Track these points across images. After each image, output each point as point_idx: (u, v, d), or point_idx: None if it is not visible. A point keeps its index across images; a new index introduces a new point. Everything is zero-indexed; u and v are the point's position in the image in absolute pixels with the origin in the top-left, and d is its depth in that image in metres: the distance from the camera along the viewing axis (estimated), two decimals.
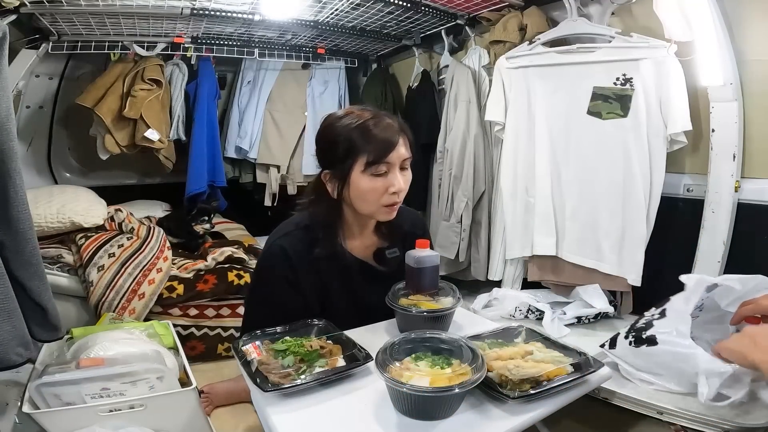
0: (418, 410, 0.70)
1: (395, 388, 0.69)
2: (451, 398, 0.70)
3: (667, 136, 1.36)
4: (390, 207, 1.00)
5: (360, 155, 0.95)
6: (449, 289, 1.02)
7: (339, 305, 1.06)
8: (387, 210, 1.00)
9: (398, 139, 0.97)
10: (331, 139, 0.99)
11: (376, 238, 1.12)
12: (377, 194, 0.97)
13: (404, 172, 1.01)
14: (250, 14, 1.91)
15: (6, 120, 1.00)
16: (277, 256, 1.02)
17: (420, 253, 0.98)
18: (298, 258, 1.01)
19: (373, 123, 0.96)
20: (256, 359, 0.82)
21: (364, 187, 0.97)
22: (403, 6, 1.80)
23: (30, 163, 2.43)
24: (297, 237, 1.03)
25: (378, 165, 0.95)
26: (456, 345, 0.78)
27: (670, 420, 0.96)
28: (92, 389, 1.06)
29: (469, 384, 0.68)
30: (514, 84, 1.64)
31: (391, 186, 0.97)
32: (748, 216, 1.32)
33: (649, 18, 1.35)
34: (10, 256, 1.05)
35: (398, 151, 0.97)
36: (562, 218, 1.58)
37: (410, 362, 0.75)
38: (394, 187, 0.97)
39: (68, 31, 1.98)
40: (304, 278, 1.02)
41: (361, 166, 0.96)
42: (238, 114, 2.65)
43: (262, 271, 1.09)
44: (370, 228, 1.11)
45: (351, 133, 0.96)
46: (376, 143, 0.95)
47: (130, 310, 1.74)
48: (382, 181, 0.97)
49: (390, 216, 1.02)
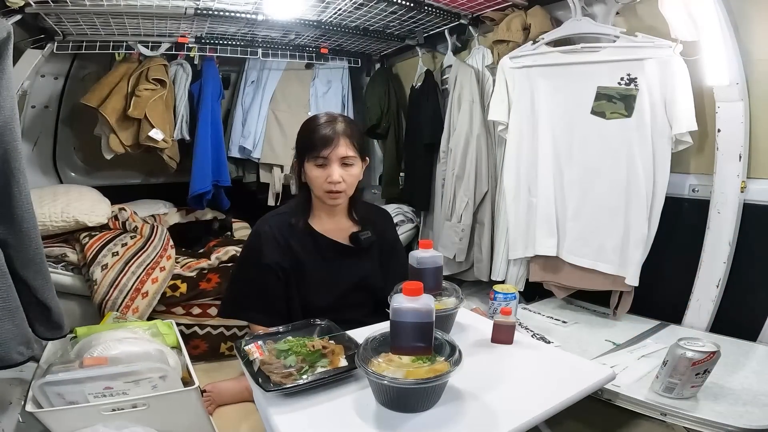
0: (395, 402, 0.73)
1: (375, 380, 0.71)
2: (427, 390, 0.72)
3: (672, 137, 1.35)
4: (330, 194, 1.20)
5: (309, 149, 1.19)
6: (452, 290, 1.01)
7: (313, 281, 1.23)
8: (328, 196, 1.20)
9: (339, 140, 1.17)
10: (299, 135, 1.25)
11: (350, 223, 1.31)
12: (320, 181, 1.19)
13: (346, 168, 1.20)
14: (253, 14, 1.92)
15: (10, 120, 1.00)
16: (257, 239, 1.23)
17: (423, 253, 0.98)
18: (275, 240, 1.21)
19: (323, 125, 1.19)
20: (258, 359, 0.82)
21: (310, 174, 1.20)
22: (406, 6, 1.79)
23: (35, 162, 2.44)
24: (276, 221, 1.25)
25: (317, 158, 1.18)
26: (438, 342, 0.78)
27: (673, 422, 0.95)
28: (95, 388, 1.06)
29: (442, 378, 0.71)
30: (517, 84, 1.63)
31: (329, 176, 1.17)
32: (753, 217, 1.31)
33: (654, 17, 1.34)
34: (14, 255, 1.06)
35: (336, 150, 1.17)
36: (563, 218, 1.57)
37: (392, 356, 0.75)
38: (331, 177, 1.17)
39: (73, 31, 1.99)
40: (281, 258, 1.21)
41: (310, 158, 1.19)
42: (241, 114, 2.65)
43: (243, 251, 1.31)
44: (341, 214, 1.30)
45: (307, 131, 1.22)
46: (319, 141, 1.17)
47: (134, 309, 1.74)
48: (323, 172, 1.18)
49: (333, 201, 1.22)
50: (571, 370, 0.74)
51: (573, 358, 0.99)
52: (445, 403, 0.76)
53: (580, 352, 1.23)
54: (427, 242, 1.00)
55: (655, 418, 0.98)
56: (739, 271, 1.33)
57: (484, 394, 0.77)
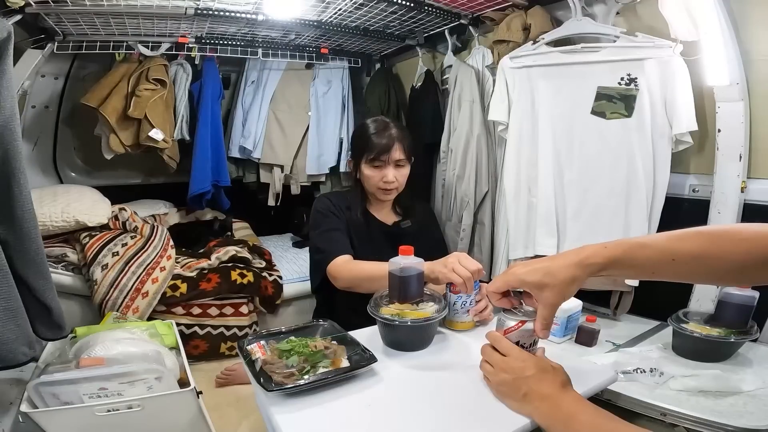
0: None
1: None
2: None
3: (672, 137, 1.35)
4: (383, 191, 1.38)
5: (366, 152, 1.36)
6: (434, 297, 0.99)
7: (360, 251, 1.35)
8: (381, 192, 1.39)
9: (394, 145, 1.35)
10: (355, 137, 1.46)
11: (393, 214, 1.51)
12: (375, 180, 1.37)
13: (399, 168, 1.38)
14: (253, 14, 1.92)
15: (11, 120, 1.00)
16: (325, 202, 1.43)
17: (403, 261, 0.95)
18: (338, 208, 1.41)
19: (380, 131, 1.36)
20: (260, 359, 0.82)
21: (366, 174, 1.38)
22: (406, 6, 1.79)
23: (35, 162, 2.44)
24: (336, 197, 1.47)
25: (374, 161, 1.35)
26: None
27: (672, 422, 0.95)
28: (90, 389, 1.06)
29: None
30: (517, 84, 1.63)
31: (384, 177, 1.36)
32: (754, 217, 1.30)
33: (654, 17, 1.34)
34: (14, 255, 1.06)
35: (392, 154, 1.35)
36: (563, 218, 1.57)
37: None
38: (386, 177, 1.36)
39: (73, 31, 1.99)
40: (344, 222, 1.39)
41: (366, 160, 1.36)
42: (241, 114, 2.65)
43: (316, 212, 1.43)
44: (387, 207, 1.50)
45: (365, 135, 1.38)
46: (377, 145, 1.34)
47: (134, 309, 1.74)
48: (379, 172, 1.36)
49: (385, 197, 1.41)
50: (572, 371, 0.74)
51: (574, 359, 0.99)
52: (446, 403, 0.76)
53: (580, 352, 1.23)
54: (408, 248, 0.97)
55: (655, 418, 0.98)
56: None
57: (484, 394, 0.77)
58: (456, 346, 0.98)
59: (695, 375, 1.03)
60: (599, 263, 0.67)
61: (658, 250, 0.65)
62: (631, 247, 0.67)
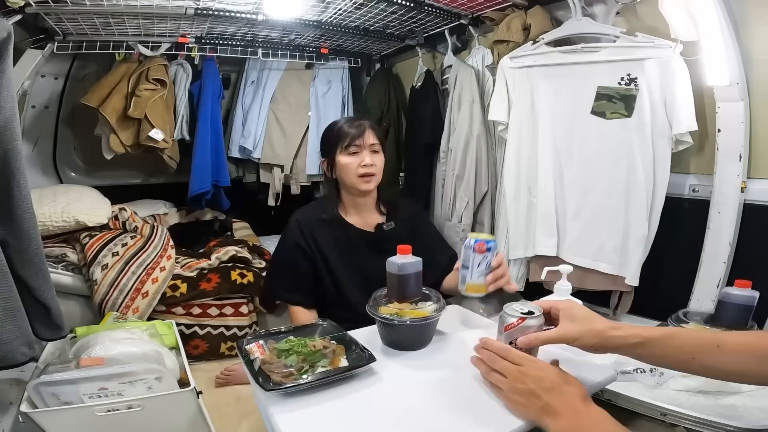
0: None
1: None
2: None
3: (672, 137, 1.35)
4: (364, 177, 1.33)
5: (340, 140, 1.34)
6: (432, 295, 0.99)
7: (341, 268, 1.35)
8: (362, 181, 1.33)
9: (366, 130, 1.34)
10: (325, 135, 1.41)
11: (376, 214, 1.44)
12: (353, 167, 1.33)
13: (375, 154, 1.36)
14: (253, 14, 1.92)
15: (10, 120, 1.00)
16: (286, 227, 1.39)
17: (402, 259, 0.95)
18: (309, 228, 1.36)
19: (350, 121, 1.37)
20: (259, 358, 0.82)
21: (343, 163, 1.34)
22: (406, 6, 1.79)
23: (35, 162, 2.44)
24: (303, 213, 1.40)
25: (350, 146, 1.33)
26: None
27: (672, 422, 0.95)
28: (90, 389, 1.06)
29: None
30: (517, 84, 1.63)
31: (362, 161, 1.33)
32: (754, 217, 1.31)
33: (654, 17, 1.34)
34: (14, 255, 1.06)
35: (365, 138, 1.34)
36: (563, 218, 1.57)
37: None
38: (364, 161, 1.32)
39: (73, 31, 1.99)
40: (314, 245, 1.35)
41: (341, 150, 1.34)
42: (241, 114, 2.65)
43: (281, 239, 1.41)
44: (369, 207, 1.43)
45: (335, 129, 1.37)
46: (350, 132, 1.34)
47: (134, 309, 1.74)
48: (356, 158, 1.33)
49: (366, 186, 1.34)
50: (572, 370, 0.74)
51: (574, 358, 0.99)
52: (445, 403, 0.76)
53: (579, 351, 1.22)
54: (406, 247, 0.97)
55: (655, 418, 0.98)
56: (739, 271, 1.32)
57: (484, 394, 0.77)
58: (456, 345, 0.98)
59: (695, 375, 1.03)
60: None
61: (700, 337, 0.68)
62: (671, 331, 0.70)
